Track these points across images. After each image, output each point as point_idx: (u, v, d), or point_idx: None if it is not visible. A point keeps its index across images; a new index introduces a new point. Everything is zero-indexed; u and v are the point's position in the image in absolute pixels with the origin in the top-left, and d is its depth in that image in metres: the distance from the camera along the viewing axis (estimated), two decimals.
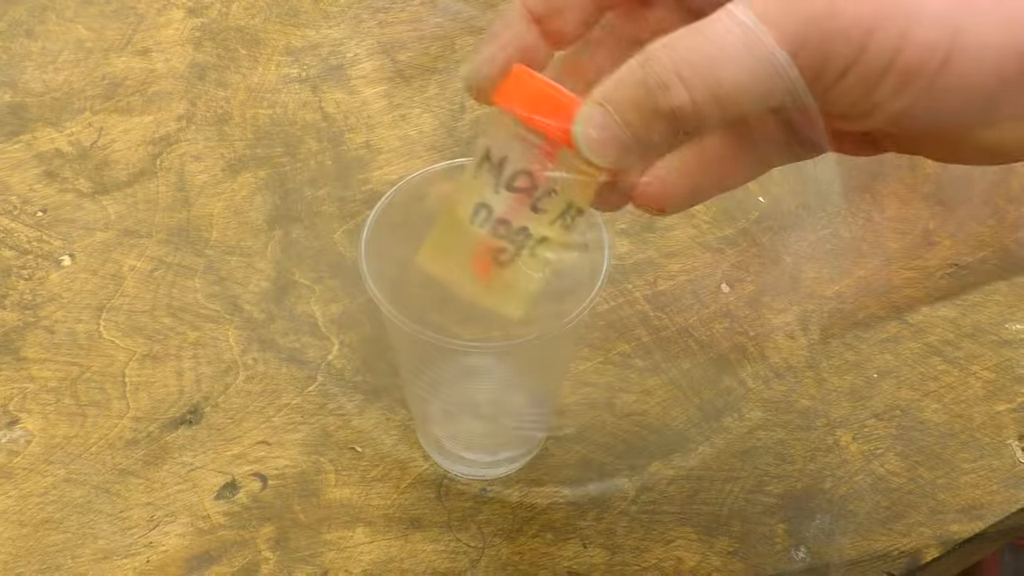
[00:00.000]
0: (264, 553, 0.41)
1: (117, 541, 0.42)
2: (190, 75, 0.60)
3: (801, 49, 0.22)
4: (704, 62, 0.22)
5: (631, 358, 0.48)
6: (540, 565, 0.41)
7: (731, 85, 0.22)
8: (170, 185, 0.55)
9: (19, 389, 0.46)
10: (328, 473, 0.44)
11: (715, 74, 0.22)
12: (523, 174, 0.27)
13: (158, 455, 0.44)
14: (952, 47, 0.22)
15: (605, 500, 0.43)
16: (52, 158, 0.56)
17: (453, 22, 0.64)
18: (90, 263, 0.51)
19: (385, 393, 0.46)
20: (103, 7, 0.64)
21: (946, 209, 0.55)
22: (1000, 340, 0.49)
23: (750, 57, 0.22)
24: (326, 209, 0.54)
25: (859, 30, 0.22)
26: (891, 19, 0.22)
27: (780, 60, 0.22)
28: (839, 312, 0.50)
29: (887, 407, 0.46)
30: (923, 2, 0.22)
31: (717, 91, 0.22)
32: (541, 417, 0.44)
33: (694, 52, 0.22)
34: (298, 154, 0.56)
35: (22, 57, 0.61)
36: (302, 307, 0.49)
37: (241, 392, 0.46)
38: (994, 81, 0.23)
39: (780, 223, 0.54)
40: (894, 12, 0.22)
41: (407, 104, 0.59)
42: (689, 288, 0.51)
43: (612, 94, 0.24)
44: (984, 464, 0.45)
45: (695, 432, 0.45)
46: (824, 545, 0.42)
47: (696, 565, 0.41)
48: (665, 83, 0.22)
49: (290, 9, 0.65)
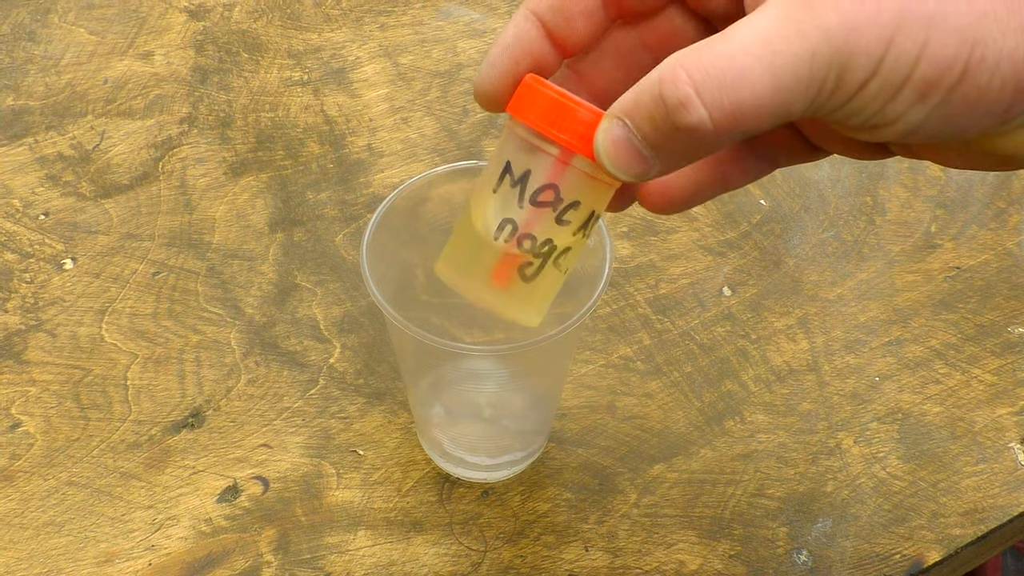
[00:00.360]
0: (266, 556, 0.41)
1: (119, 544, 0.42)
2: (192, 79, 0.61)
3: (819, 65, 0.22)
4: (724, 81, 0.22)
5: (633, 361, 0.48)
6: (542, 568, 0.41)
7: (751, 104, 0.22)
8: (172, 188, 0.55)
9: (21, 392, 0.46)
10: (330, 476, 0.44)
11: (736, 93, 0.22)
12: (547, 188, 0.27)
13: (160, 458, 0.44)
14: (970, 60, 0.22)
15: (607, 503, 0.43)
16: (54, 161, 0.56)
17: (455, 25, 0.64)
18: (92, 266, 0.51)
19: (387, 396, 0.46)
20: (105, 11, 0.64)
21: (948, 212, 0.55)
22: (1002, 343, 0.49)
23: (770, 76, 0.22)
24: (328, 212, 0.54)
25: (877, 44, 0.22)
26: (908, 33, 0.22)
27: (801, 78, 0.22)
28: (841, 315, 0.50)
29: (889, 410, 0.46)
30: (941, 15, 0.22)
31: (736, 110, 0.22)
32: (542, 420, 0.44)
33: (714, 69, 0.22)
34: (300, 157, 0.56)
35: (25, 61, 0.61)
36: (304, 310, 0.49)
37: (243, 395, 0.46)
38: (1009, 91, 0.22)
39: (782, 226, 0.54)
40: (912, 26, 0.22)
41: (409, 107, 0.59)
42: (691, 291, 0.51)
43: (632, 110, 0.24)
44: (986, 467, 0.45)
45: (697, 435, 0.45)
46: (826, 548, 0.42)
47: (698, 568, 0.41)
48: (683, 102, 0.22)
49: (292, 13, 0.65)
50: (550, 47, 0.28)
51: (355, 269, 0.51)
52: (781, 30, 0.22)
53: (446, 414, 0.44)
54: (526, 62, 0.28)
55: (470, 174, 0.37)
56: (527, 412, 0.44)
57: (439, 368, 0.42)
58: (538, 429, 0.44)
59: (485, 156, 0.56)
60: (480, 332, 0.43)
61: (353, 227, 0.53)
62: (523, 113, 0.26)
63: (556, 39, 0.28)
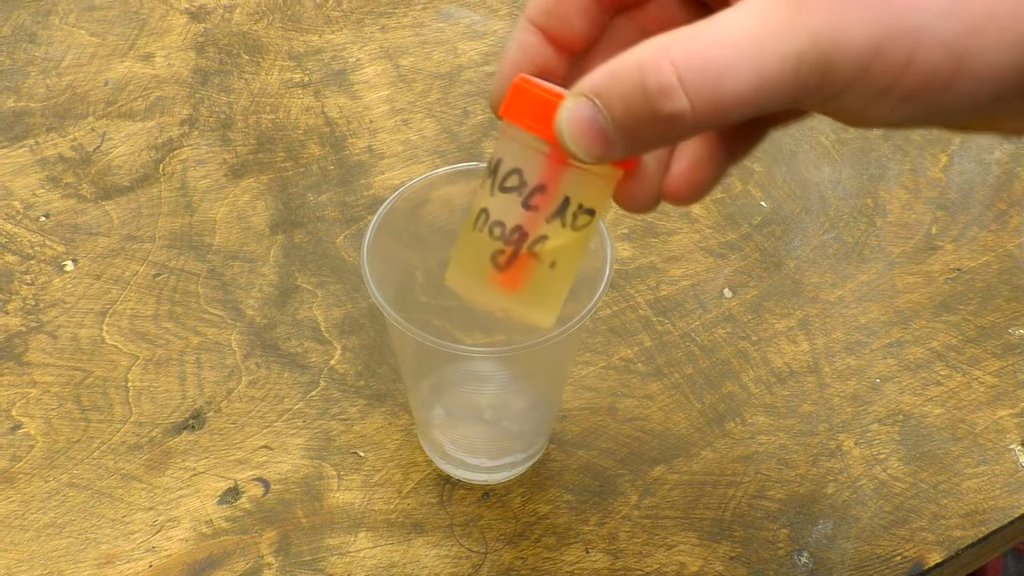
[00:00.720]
0: (266, 558, 0.41)
1: (119, 546, 0.42)
2: (193, 80, 0.61)
3: (804, 66, 0.22)
4: (708, 72, 0.22)
5: (633, 363, 0.48)
6: (543, 570, 0.41)
7: (733, 96, 0.22)
8: (173, 190, 0.55)
9: (22, 394, 0.46)
10: (330, 478, 0.44)
11: (720, 84, 0.22)
12: (542, 187, 0.27)
13: (161, 460, 0.44)
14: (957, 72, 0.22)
15: (607, 505, 0.43)
16: (55, 163, 0.56)
17: (455, 27, 0.64)
18: (93, 268, 0.51)
19: (387, 398, 0.46)
20: (106, 13, 0.64)
21: (949, 214, 0.55)
22: (1003, 345, 0.49)
23: (755, 72, 0.21)
24: (328, 214, 0.54)
25: (863, 51, 0.21)
26: (897, 42, 0.21)
27: (785, 76, 0.22)
28: (841, 317, 0.50)
29: (890, 412, 0.46)
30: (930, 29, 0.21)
31: (718, 101, 0.22)
32: (543, 422, 0.44)
33: (699, 59, 0.22)
34: (300, 159, 0.56)
35: (26, 62, 0.61)
36: (304, 312, 0.49)
37: (244, 397, 0.46)
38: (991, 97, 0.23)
39: (782, 228, 0.54)
40: (901, 35, 0.21)
41: (409, 109, 0.59)
42: (691, 293, 0.51)
43: (605, 90, 0.23)
44: (987, 469, 0.45)
45: (697, 437, 0.45)
46: (827, 550, 0.42)
47: (699, 570, 0.41)
48: (665, 90, 0.22)
49: (292, 14, 0.65)
50: (553, 51, 0.28)
51: (356, 271, 0.51)
52: (769, 25, 0.22)
53: (447, 416, 0.44)
54: (530, 68, 0.28)
55: (471, 176, 0.37)
56: (528, 414, 0.43)
57: (440, 370, 0.42)
58: (539, 431, 0.44)
59: (486, 158, 0.56)
60: (481, 334, 0.43)
61: (354, 229, 0.53)
62: (513, 115, 0.26)
63: (557, 42, 0.28)
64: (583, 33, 0.28)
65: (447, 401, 0.43)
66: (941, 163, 0.57)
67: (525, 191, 0.27)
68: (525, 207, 0.27)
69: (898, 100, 0.22)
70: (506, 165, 0.27)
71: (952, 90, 0.22)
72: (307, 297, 0.50)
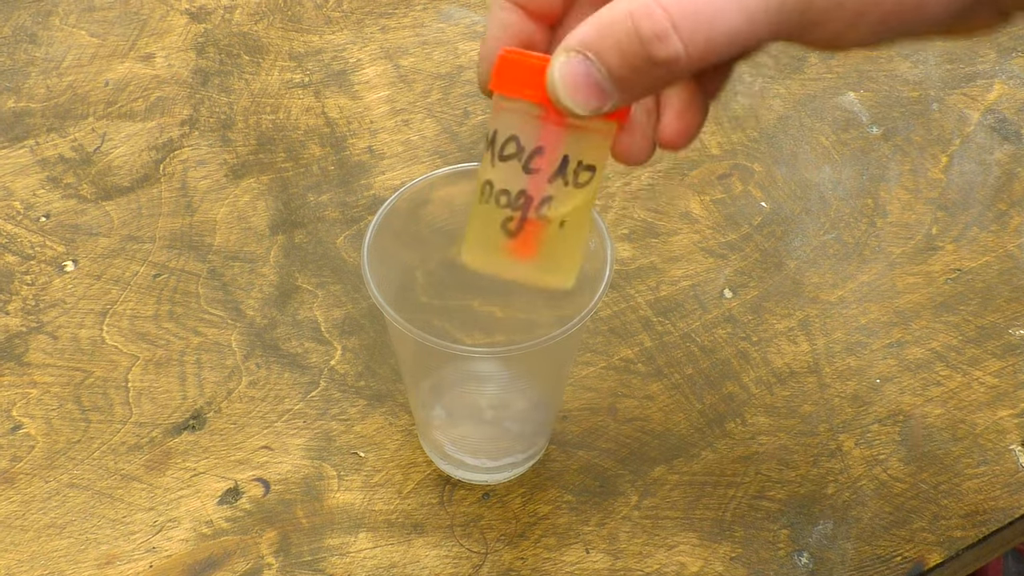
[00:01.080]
0: (267, 559, 0.41)
1: (120, 546, 0.42)
2: (193, 81, 0.61)
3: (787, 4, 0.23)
4: (700, 16, 0.23)
5: (633, 363, 0.48)
6: (543, 571, 0.41)
7: (724, 36, 0.23)
8: (173, 191, 0.55)
9: (22, 394, 0.46)
10: (331, 478, 0.44)
11: (712, 25, 0.23)
12: (540, 149, 0.27)
13: (161, 460, 0.44)
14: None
15: (608, 505, 0.43)
16: (55, 164, 0.56)
17: (456, 27, 0.64)
18: (93, 268, 0.51)
19: (388, 398, 0.46)
20: (106, 13, 0.64)
21: (949, 214, 0.55)
22: (1003, 345, 0.49)
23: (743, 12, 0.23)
24: (329, 214, 0.54)
25: None
26: None
27: (771, 15, 0.23)
28: (842, 317, 0.50)
29: (890, 412, 0.46)
30: None
31: (710, 42, 0.23)
32: (543, 422, 0.44)
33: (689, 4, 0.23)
34: (301, 159, 0.56)
35: (26, 63, 0.61)
36: (305, 312, 0.49)
37: (244, 397, 0.46)
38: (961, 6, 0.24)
39: (783, 228, 0.54)
40: None
41: (410, 109, 0.59)
42: (691, 293, 0.51)
43: (597, 42, 0.24)
44: (987, 470, 0.45)
45: (698, 437, 0.45)
46: (827, 550, 0.42)
47: (699, 570, 0.41)
48: (660, 35, 0.23)
49: (293, 15, 0.65)
50: (532, 24, 0.29)
51: (356, 271, 0.51)
52: None
53: (447, 416, 0.44)
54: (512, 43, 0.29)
55: (471, 176, 0.37)
56: (528, 414, 0.43)
57: (440, 370, 0.42)
58: (539, 431, 0.44)
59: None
60: (481, 334, 0.43)
61: (354, 229, 0.53)
62: (503, 86, 0.27)
63: (535, 13, 0.29)
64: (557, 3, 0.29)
65: (447, 401, 0.43)
66: (941, 163, 0.57)
67: (524, 156, 0.27)
68: (526, 171, 0.28)
69: (875, 23, 0.24)
70: (503, 135, 0.28)
71: (926, 7, 0.23)
72: (307, 297, 0.50)
